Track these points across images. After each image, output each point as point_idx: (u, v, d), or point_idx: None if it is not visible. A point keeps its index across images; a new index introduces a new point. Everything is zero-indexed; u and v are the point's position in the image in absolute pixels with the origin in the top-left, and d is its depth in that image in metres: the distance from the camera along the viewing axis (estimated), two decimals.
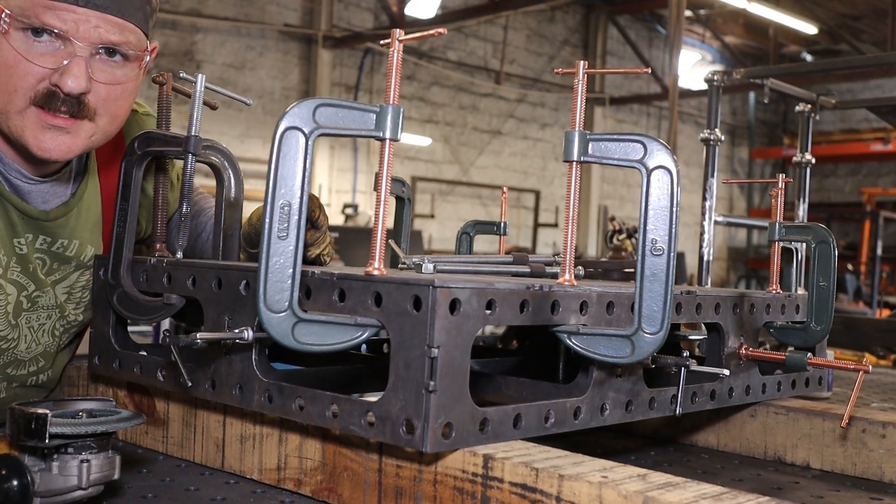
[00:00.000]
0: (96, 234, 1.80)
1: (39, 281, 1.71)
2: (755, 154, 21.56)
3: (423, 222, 14.79)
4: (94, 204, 1.78)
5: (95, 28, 1.43)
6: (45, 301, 1.75)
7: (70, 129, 1.48)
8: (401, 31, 1.25)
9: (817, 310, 1.80)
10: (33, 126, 1.46)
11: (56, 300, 1.77)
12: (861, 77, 17.85)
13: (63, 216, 1.71)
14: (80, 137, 1.51)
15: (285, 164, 1.20)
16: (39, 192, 1.66)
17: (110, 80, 1.48)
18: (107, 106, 1.51)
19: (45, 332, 1.79)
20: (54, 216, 1.69)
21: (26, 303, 1.72)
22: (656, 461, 1.74)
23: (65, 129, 1.48)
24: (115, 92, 1.50)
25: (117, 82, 1.50)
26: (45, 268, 1.72)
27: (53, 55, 1.43)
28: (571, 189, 1.34)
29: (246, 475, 1.48)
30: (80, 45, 1.43)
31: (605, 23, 17.98)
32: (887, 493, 1.59)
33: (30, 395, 1.92)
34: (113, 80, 1.49)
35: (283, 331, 1.20)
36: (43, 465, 1.16)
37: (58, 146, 1.49)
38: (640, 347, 1.28)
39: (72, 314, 1.82)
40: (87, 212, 1.76)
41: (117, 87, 1.50)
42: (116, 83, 1.50)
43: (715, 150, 3.06)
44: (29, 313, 1.74)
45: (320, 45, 13.51)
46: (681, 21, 9.18)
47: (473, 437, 1.22)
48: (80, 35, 1.42)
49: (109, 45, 1.48)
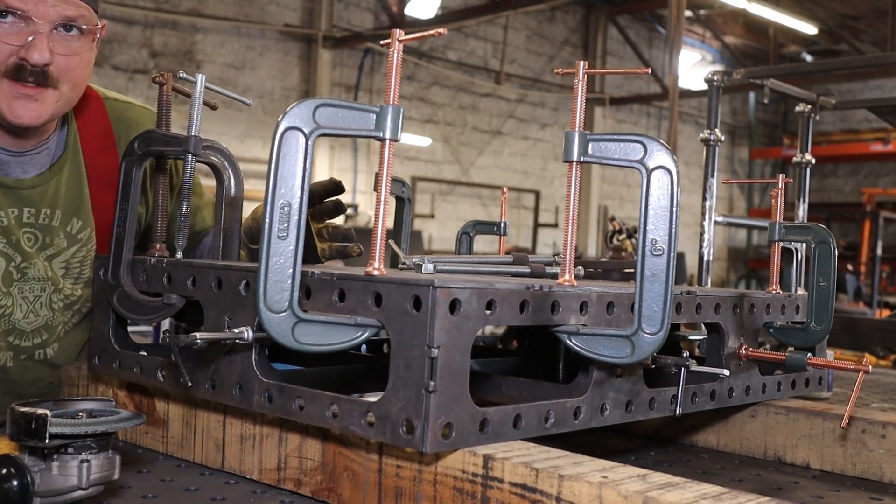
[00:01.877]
0: (83, 211, 1.90)
1: (26, 253, 1.83)
2: (755, 154, 21.56)
3: (423, 222, 14.79)
4: (77, 180, 1.89)
5: (53, 7, 1.63)
6: (35, 273, 1.86)
7: (37, 96, 1.67)
8: (401, 31, 1.25)
9: (817, 310, 1.80)
10: (6, 96, 1.66)
11: (47, 273, 1.87)
12: (861, 77, 17.84)
13: (41, 185, 1.83)
14: (46, 104, 1.70)
15: (285, 164, 1.20)
16: (18, 162, 1.81)
17: (69, 52, 1.68)
18: (67, 74, 1.70)
19: (42, 304, 1.89)
20: (30, 185, 1.82)
21: (16, 273, 1.84)
22: (656, 461, 1.74)
23: (33, 97, 1.67)
24: (73, 62, 1.70)
25: (75, 53, 1.69)
26: (36, 242, 1.85)
27: (18, 34, 1.62)
28: (571, 189, 1.34)
29: (246, 475, 1.48)
30: (40, 22, 1.62)
31: (605, 23, 17.99)
32: (887, 494, 1.59)
33: (40, 370, 1.96)
34: (71, 52, 1.68)
35: (283, 331, 1.20)
36: (43, 465, 1.16)
37: (28, 112, 1.68)
38: (640, 347, 1.28)
39: (68, 288, 1.91)
40: (67, 185, 1.87)
41: (75, 57, 1.70)
42: (74, 54, 1.69)
43: (715, 150, 3.06)
44: (21, 284, 1.85)
45: (320, 45, 13.51)
46: (681, 21, 9.19)
47: (473, 438, 1.22)
48: (41, 14, 1.62)
49: (66, 22, 1.67)
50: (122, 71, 11.48)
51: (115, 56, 11.41)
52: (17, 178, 1.81)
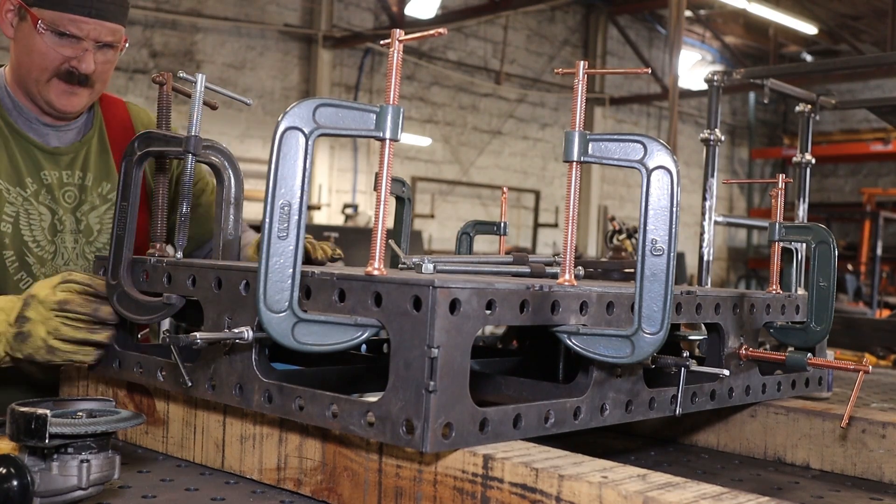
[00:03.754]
0: (111, 176, 2.31)
1: (66, 208, 2.22)
2: (755, 154, 21.56)
3: (423, 222, 14.79)
4: (104, 152, 2.32)
5: (98, 32, 2.11)
6: (70, 225, 2.22)
7: (79, 93, 2.17)
8: (401, 31, 1.25)
9: (817, 310, 1.80)
10: (56, 91, 2.15)
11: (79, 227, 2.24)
12: (861, 77, 17.84)
13: (74, 152, 2.26)
14: (84, 97, 2.19)
15: (285, 164, 1.20)
16: (55, 134, 2.25)
17: (104, 61, 2.17)
18: (100, 76, 2.18)
19: (79, 255, 2.23)
20: (66, 151, 2.25)
21: (58, 225, 2.20)
22: (656, 461, 1.74)
23: (76, 94, 2.16)
24: (106, 67, 2.19)
25: (108, 62, 2.18)
26: (74, 200, 2.25)
27: (72, 48, 2.10)
28: (571, 189, 1.34)
29: (246, 475, 1.48)
30: (89, 43, 2.11)
31: (605, 23, 17.98)
32: (887, 493, 1.59)
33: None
34: (106, 61, 2.17)
35: (283, 331, 1.20)
36: (43, 465, 1.16)
37: (72, 104, 2.17)
38: (640, 347, 1.28)
39: (100, 242, 2.26)
40: (95, 154, 2.30)
41: (108, 64, 2.19)
42: (108, 62, 2.18)
43: (715, 150, 3.06)
44: (63, 234, 2.21)
45: (320, 45, 13.50)
46: (681, 21, 9.18)
47: (473, 438, 1.22)
48: (90, 37, 2.10)
49: (106, 43, 2.14)
50: (122, 71, 11.47)
51: None
52: (55, 147, 2.24)
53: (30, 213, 2.16)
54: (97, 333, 1.63)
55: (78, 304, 1.62)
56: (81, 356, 1.64)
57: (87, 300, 1.63)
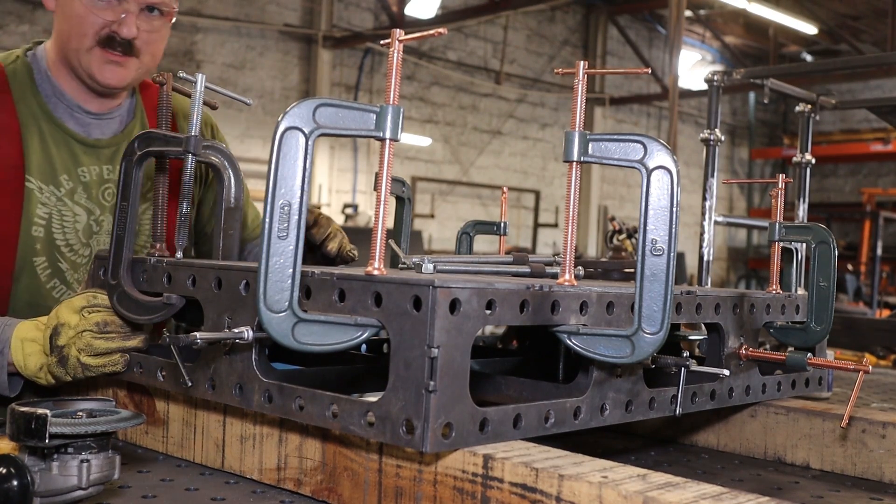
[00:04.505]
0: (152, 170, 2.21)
1: (103, 207, 2.11)
2: (755, 154, 21.56)
3: (423, 222, 14.79)
4: None
5: None
6: (107, 226, 2.10)
7: (123, 63, 2.02)
8: (401, 31, 1.25)
9: (817, 310, 1.80)
10: (98, 61, 2.00)
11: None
12: (861, 77, 17.84)
13: (115, 145, 2.13)
14: (129, 70, 2.04)
15: (285, 164, 1.20)
16: (97, 124, 2.13)
17: (150, 29, 2.03)
18: (147, 47, 2.04)
19: None
20: (106, 144, 2.12)
21: (95, 226, 2.09)
22: (656, 461, 1.74)
23: (119, 63, 2.02)
24: (153, 37, 2.05)
25: (155, 30, 2.04)
26: (113, 197, 2.11)
27: (112, 10, 1.98)
28: (571, 189, 1.34)
29: (246, 475, 1.48)
30: (131, 4, 1.99)
31: (605, 23, 17.98)
32: (887, 493, 1.59)
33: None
34: (152, 29, 2.03)
35: (283, 331, 1.20)
36: (43, 465, 1.16)
37: (115, 75, 2.02)
38: (640, 347, 1.28)
39: (137, 244, 2.08)
40: None
41: (155, 33, 2.05)
42: (155, 31, 2.04)
43: (715, 150, 3.06)
44: (98, 236, 2.10)
45: (320, 45, 13.50)
46: (681, 21, 9.19)
47: (473, 438, 1.22)
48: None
49: (150, 4, 2.02)
50: None
51: None
52: (96, 139, 2.11)
53: (63, 215, 2.04)
54: (131, 340, 1.63)
55: (119, 324, 1.62)
56: (111, 367, 1.62)
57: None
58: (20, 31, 10.68)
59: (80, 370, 1.62)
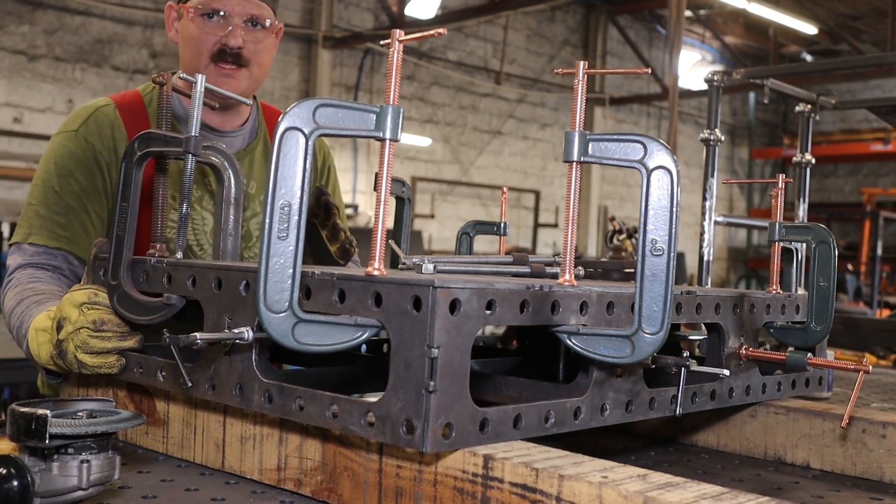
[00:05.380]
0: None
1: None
2: (755, 154, 21.55)
3: (423, 222, 14.78)
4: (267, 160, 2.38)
5: (243, 7, 2.22)
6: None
7: (234, 75, 2.24)
8: (401, 32, 1.25)
9: (817, 310, 1.80)
10: (213, 75, 2.20)
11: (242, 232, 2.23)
12: (861, 77, 17.83)
13: (240, 161, 2.29)
14: (241, 80, 2.25)
15: (285, 164, 1.20)
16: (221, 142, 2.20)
17: (255, 40, 2.25)
18: (255, 57, 2.26)
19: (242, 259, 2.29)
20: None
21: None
22: (656, 461, 1.74)
23: (231, 76, 2.23)
24: (259, 48, 2.26)
25: (259, 41, 2.26)
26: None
27: (220, 27, 2.21)
28: (571, 189, 1.34)
29: (246, 475, 1.48)
30: (235, 18, 2.21)
31: (605, 23, 17.97)
32: (887, 493, 1.59)
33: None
34: (256, 40, 2.25)
35: (283, 331, 1.20)
36: (43, 465, 1.16)
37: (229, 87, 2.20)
38: (640, 347, 1.28)
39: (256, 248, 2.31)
40: (258, 164, 2.39)
41: (260, 44, 2.26)
42: (259, 42, 2.26)
43: (715, 151, 3.06)
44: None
45: (320, 45, 13.50)
46: (681, 21, 9.18)
47: (473, 438, 1.22)
48: (235, 12, 2.21)
49: (253, 18, 2.24)
50: (122, 71, 11.46)
51: (115, 56, 11.39)
52: None
53: (194, 220, 2.26)
54: (127, 340, 1.63)
55: (115, 323, 1.63)
56: (107, 368, 1.63)
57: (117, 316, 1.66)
58: (20, 32, 10.68)
59: (76, 366, 1.63)
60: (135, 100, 2.30)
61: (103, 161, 2.21)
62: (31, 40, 10.73)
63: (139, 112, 2.27)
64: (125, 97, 2.31)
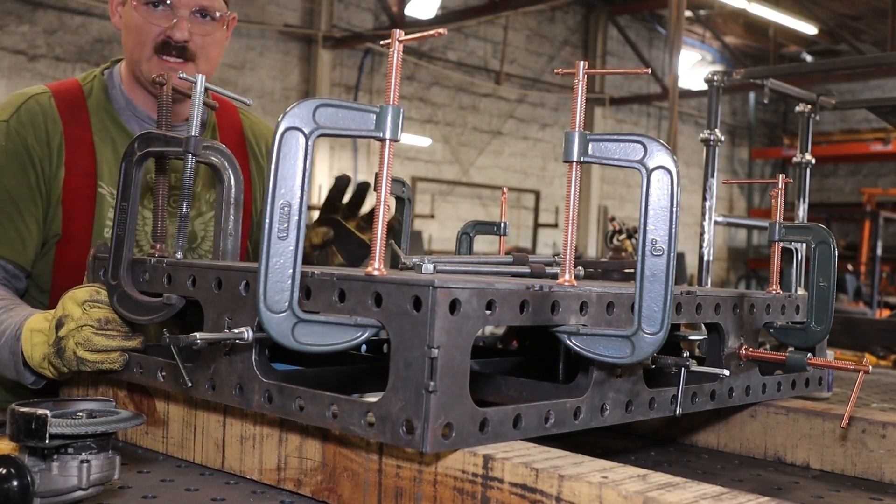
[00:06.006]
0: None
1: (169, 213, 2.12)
2: (755, 154, 21.56)
3: (423, 222, 14.79)
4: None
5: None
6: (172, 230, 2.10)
7: (178, 68, 2.04)
8: (401, 32, 1.25)
9: (817, 310, 1.80)
10: (156, 68, 2.05)
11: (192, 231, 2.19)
12: (861, 77, 17.85)
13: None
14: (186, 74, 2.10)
15: (285, 165, 1.20)
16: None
17: (203, 33, 2.10)
18: (202, 51, 2.11)
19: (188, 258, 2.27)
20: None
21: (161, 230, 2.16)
22: (656, 461, 1.74)
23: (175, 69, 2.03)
24: (207, 41, 2.12)
25: (208, 34, 2.11)
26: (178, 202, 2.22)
27: (165, 17, 2.07)
28: (571, 189, 1.34)
29: (246, 475, 1.48)
30: (182, 10, 2.07)
31: (605, 23, 17.99)
32: (887, 494, 1.59)
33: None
34: (205, 33, 2.11)
35: (283, 331, 1.20)
36: (43, 465, 1.16)
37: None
38: (640, 348, 1.28)
39: (203, 249, 2.22)
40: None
41: (208, 37, 2.12)
42: (207, 35, 2.11)
43: (715, 151, 3.06)
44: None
45: (320, 45, 13.51)
46: (681, 21, 9.18)
47: (473, 438, 1.22)
48: (182, 3, 2.07)
49: (201, 9, 2.10)
50: None
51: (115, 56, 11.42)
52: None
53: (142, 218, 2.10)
54: (131, 340, 1.63)
55: (119, 322, 1.62)
56: (109, 364, 1.62)
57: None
58: (20, 31, 10.69)
59: (74, 363, 1.62)
60: (73, 89, 2.16)
61: (36, 155, 2.04)
62: (31, 40, 10.73)
63: (77, 103, 2.13)
64: (62, 86, 2.17)
